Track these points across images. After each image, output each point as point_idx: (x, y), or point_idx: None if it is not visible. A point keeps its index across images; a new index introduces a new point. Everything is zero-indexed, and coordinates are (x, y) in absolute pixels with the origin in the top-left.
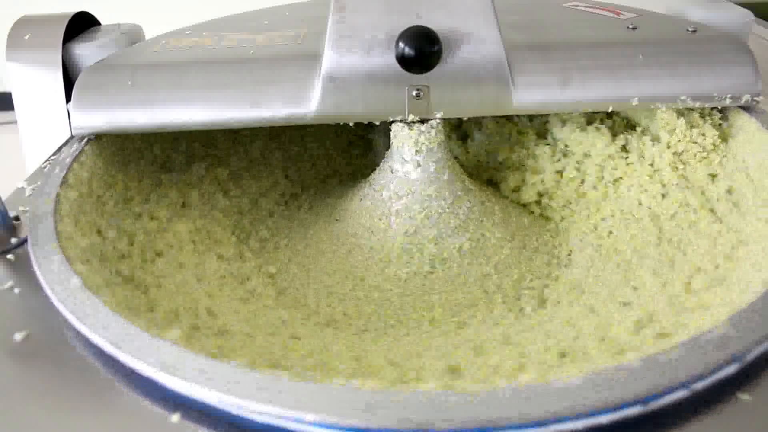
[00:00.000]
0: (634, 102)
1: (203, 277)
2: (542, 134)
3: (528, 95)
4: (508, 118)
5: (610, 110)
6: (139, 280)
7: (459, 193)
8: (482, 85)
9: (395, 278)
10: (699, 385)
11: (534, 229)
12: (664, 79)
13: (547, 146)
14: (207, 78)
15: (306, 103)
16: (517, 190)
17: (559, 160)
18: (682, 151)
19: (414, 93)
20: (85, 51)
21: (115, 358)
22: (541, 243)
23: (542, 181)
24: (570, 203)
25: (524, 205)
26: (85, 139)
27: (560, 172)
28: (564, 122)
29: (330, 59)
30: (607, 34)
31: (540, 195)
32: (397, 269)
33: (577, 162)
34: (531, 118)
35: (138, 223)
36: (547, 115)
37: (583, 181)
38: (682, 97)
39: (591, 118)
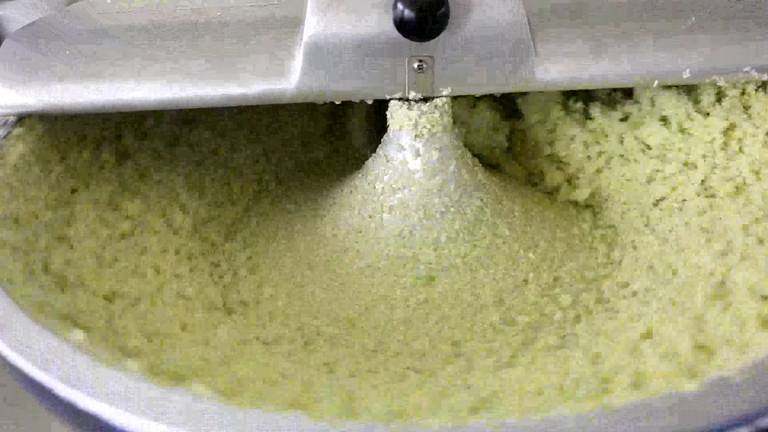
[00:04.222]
0: (686, 75)
1: (150, 283)
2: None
3: (554, 68)
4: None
5: (654, 85)
6: (71, 287)
7: (468, 188)
8: (498, 56)
9: (381, 291)
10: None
11: (568, 237)
12: (722, 46)
13: (590, 130)
14: (164, 47)
15: (284, 77)
16: (557, 187)
17: (600, 143)
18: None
19: (415, 65)
20: (12, 12)
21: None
22: (576, 254)
23: (584, 175)
24: (622, 202)
25: (563, 205)
26: (12, 121)
27: (608, 161)
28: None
29: (313, 24)
30: None
31: (577, 190)
32: (386, 279)
33: (624, 147)
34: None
35: (73, 223)
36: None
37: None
38: (745, 69)
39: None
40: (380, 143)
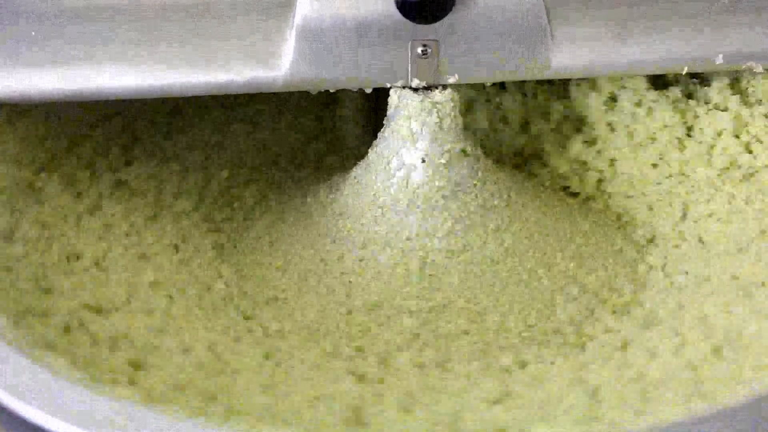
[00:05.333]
0: (718, 61)
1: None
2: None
3: (572, 53)
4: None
5: (684, 72)
6: (36, 295)
7: (479, 187)
8: (509, 40)
9: (376, 301)
10: None
11: (592, 236)
12: (758, 29)
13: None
14: (143, 29)
15: (275, 63)
16: (570, 178)
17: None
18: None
19: (419, 50)
20: None
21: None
22: (602, 257)
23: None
24: (645, 195)
25: (584, 201)
26: None
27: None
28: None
29: (307, 4)
30: None
31: (601, 185)
32: (382, 289)
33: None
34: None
35: (39, 224)
36: None
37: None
38: None
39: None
40: (379, 135)
